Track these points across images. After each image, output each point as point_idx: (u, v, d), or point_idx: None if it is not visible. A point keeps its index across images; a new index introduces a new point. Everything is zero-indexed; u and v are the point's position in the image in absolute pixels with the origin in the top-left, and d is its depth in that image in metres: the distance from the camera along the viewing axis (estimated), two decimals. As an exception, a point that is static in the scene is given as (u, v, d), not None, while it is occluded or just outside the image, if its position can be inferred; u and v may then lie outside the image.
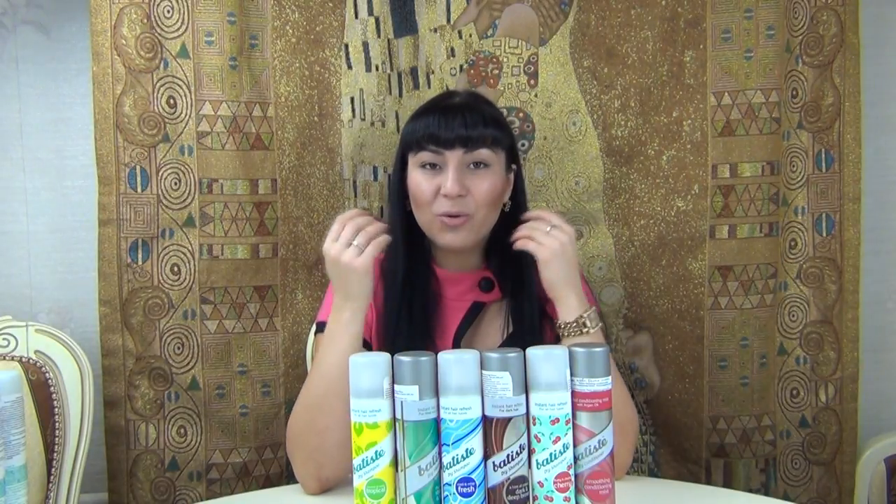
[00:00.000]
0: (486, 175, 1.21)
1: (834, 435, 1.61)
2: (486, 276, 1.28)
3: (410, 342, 1.17)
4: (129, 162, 1.50)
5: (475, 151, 1.20)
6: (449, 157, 1.19)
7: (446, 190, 1.18)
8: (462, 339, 1.25)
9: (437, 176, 1.20)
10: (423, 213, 1.22)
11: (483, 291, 1.27)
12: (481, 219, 1.22)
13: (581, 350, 0.86)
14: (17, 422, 0.97)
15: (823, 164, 1.59)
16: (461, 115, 1.20)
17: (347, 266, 1.11)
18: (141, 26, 1.48)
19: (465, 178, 1.19)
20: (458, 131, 1.18)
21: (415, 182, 1.22)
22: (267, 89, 1.55)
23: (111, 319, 1.51)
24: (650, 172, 1.60)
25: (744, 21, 1.56)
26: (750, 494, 1.36)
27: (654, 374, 1.63)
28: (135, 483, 1.53)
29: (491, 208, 1.22)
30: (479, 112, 1.22)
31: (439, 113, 1.21)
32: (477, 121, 1.20)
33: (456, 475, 0.85)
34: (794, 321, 1.61)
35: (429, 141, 1.20)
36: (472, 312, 1.26)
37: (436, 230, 1.22)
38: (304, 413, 1.15)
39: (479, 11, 1.59)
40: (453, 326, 1.25)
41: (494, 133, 1.21)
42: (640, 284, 1.62)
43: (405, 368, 0.84)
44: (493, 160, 1.22)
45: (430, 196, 1.20)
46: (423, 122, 1.22)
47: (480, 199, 1.20)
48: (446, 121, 1.20)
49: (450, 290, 1.27)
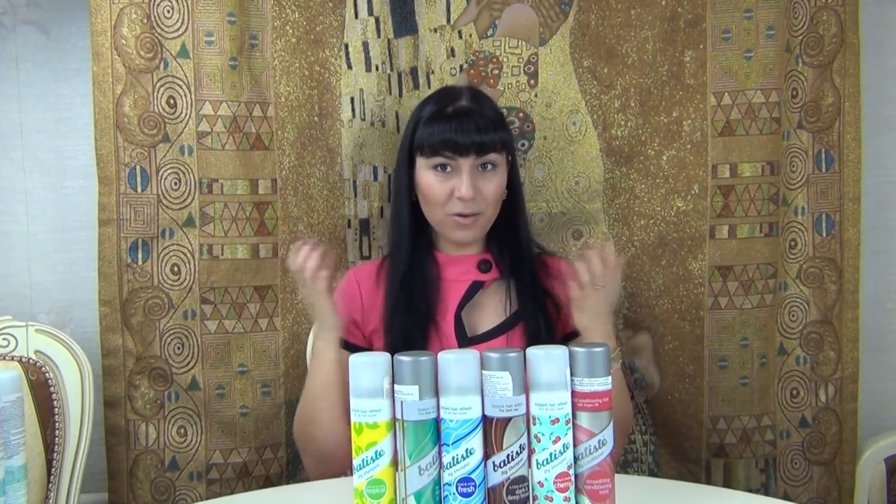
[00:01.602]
0: (493, 175, 1.29)
1: (834, 435, 1.61)
2: (485, 258, 1.34)
3: (412, 325, 1.27)
4: (129, 162, 1.50)
5: (486, 155, 1.27)
6: (462, 163, 1.26)
7: (461, 194, 1.26)
8: (462, 314, 1.30)
9: (450, 178, 1.27)
10: (436, 212, 1.30)
11: (481, 272, 1.33)
12: (490, 215, 1.31)
13: (581, 350, 0.86)
14: (17, 422, 0.96)
15: (823, 164, 1.59)
16: (474, 121, 1.26)
17: (307, 303, 1.27)
18: (141, 26, 1.48)
19: (475, 181, 1.26)
20: (473, 137, 1.25)
21: (427, 183, 1.29)
22: (267, 89, 1.55)
23: (111, 319, 1.51)
24: (650, 172, 1.60)
25: (744, 21, 1.56)
26: (750, 494, 1.36)
27: (654, 374, 1.63)
28: (135, 483, 1.53)
29: (496, 205, 1.32)
30: (488, 115, 1.29)
31: (454, 119, 1.27)
32: (488, 126, 1.27)
33: (456, 475, 0.84)
34: (794, 321, 1.61)
35: (445, 147, 1.26)
36: (472, 290, 1.32)
37: (448, 228, 1.31)
38: (300, 424, 1.29)
39: (479, 11, 1.59)
40: (454, 304, 1.31)
41: (503, 136, 1.29)
42: (640, 284, 1.62)
43: (405, 368, 0.84)
44: (500, 161, 1.30)
45: (443, 198, 1.28)
46: (437, 127, 1.27)
47: (490, 198, 1.29)
48: (461, 126, 1.26)
49: (450, 272, 1.34)
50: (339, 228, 1.61)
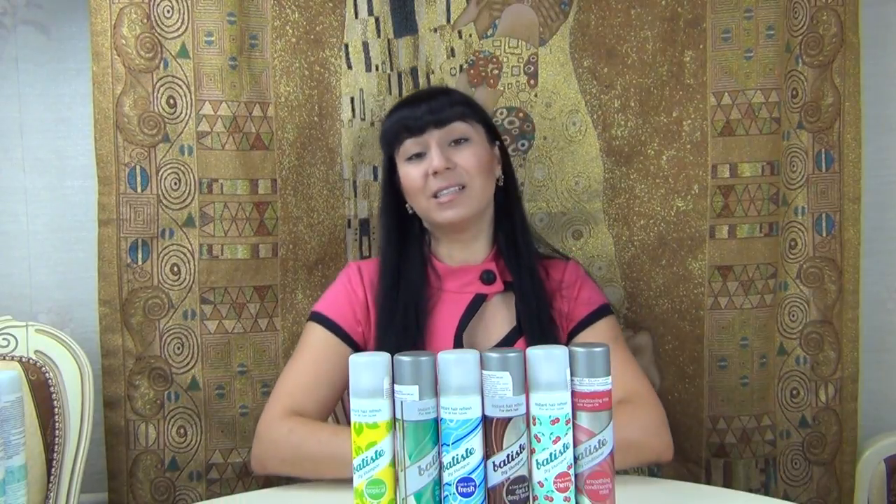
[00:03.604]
0: (468, 147, 1.25)
1: (834, 435, 1.61)
2: (488, 269, 1.29)
3: (401, 344, 1.17)
4: (129, 162, 1.50)
5: (450, 126, 1.25)
6: (428, 139, 1.24)
7: (434, 166, 1.22)
8: (464, 333, 1.25)
9: (425, 161, 1.25)
10: (419, 200, 1.26)
11: (484, 283, 1.28)
12: (478, 188, 1.25)
13: (581, 350, 0.86)
14: (17, 422, 0.96)
15: (823, 164, 1.59)
16: (426, 101, 1.27)
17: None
18: (141, 26, 1.48)
19: (449, 154, 1.24)
20: (427, 116, 1.24)
21: (405, 174, 1.26)
22: (267, 89, 1.55)
23: (111, 319, 1.51)
24: (650, 172, 1.60)
25: (744, 21, 1.56)
26: (750, 494, 1.36)
27: (654, 374, 1.63)
28: (135, 483, 1.53)
29: (485, 177, 1.26)
30: (446, 94, 1.30)
31: (406, 106, 1.28)
32: (444, 102, 1.26)
33: (456, 475, 0.84)
34: (794, 321, 1.61)
35: (404, 131, 1.25)
36: (474, 305, 1.27)
37: (434, 211, 1.25)
38: (286, 468, 1.20)
39: (479, 11, 1.59)
40: (455, 319, 1.26)
41: (463, 109, 1.27)
42: (640, 284, 1.62)
43: (405, 368, 0.84)
44: (471, 133, 1.26)
45: (420, 181, 1.24)
46: (395, 116, 1.28)
47: (470, 167, 1.24)
48: (413, 109, 1.26)
49: (450, 284, 1.28)
50: (339, 228, 1.61)
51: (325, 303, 1.31)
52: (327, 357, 1.25)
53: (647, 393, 1.22)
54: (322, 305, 1.30)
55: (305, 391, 1.23)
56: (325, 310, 1.29)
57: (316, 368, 1.25)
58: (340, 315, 1.28)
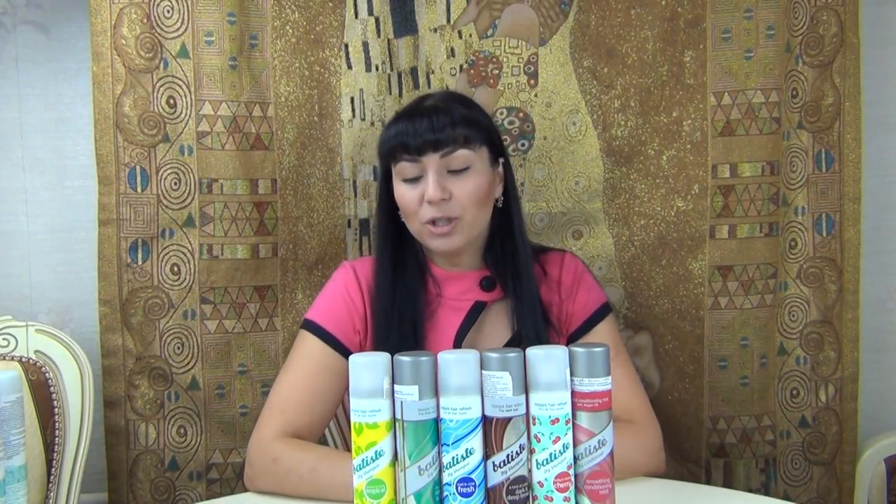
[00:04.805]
0: (468, 176, 1.18)
1: (834, 435, 1.61)
2: (487, 276, 1.26)
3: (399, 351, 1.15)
4: (129, 162, 1.50)
5: (452, 155, 1.17)
6: (426, 164, 1.17)
7: (428, 196, 1.16)
8: (464, 341, 1.23)
9: (420, 184, 1.18)
10: (412, 222, 1.21)
11: (484, 290, 1.26)
12: (471, 220, 1.19)
13: (581, 350, 0.86)
14: (17, 422, 0.96)
15: (823, 164, 1.59)
16: (429, 118, 1.18)
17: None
18: (141, 26, 1.48)
19: (446, 182, 1.17)
20: (426, 136, 1.17)
21: (400, 194, 1.21)
22: (267, 89, 1.55)
23: (111, 319, 1.51)
24: (650, 172, 1.60)
25: (744, 21, 1.56)
26: (750, 494, 1.36)
27: (654, 374, 1.63)
28: (135, 483, 1.53)
29: (479, 208, 1.20)
30: (449, 113, 1.19)
31: (407, 119, 1.20)
32: (445, 123, 1.17)
33: (456, 475, 0.84)
34: (794, 321, 1.61)
35: (401, 150, 1.18)
36: (474, 313, 1.24)
37: (426, 237, 1.21)
38: (281, 486, 1.12)
39: (479, 11, 1.59)
40: (453, 327, 1.24)
41: (466, 132, 1.18)
42: (640, 284, 1.62)
43: (405, 368, 0.84)
44: (473, 159, 1.19)
45: (415, 205, 1.18)
46: (393, 130, 1.21)
47: (465, 200, 1.18)
48: (414, 126, 1.18)
49: (449, 290, 1.25)
50: (338, 228, 1.61)
51: (320, 311, 1.25)
52: (321, 371, 1.20)
53: (647, 412, 1.23)
54: (317, 313, 1.25)
55: (298, 408, 1.18)
56: (320, 319, 1.23)
57: (311, 383, 1.19)
58: (337, 325, 1.23)
